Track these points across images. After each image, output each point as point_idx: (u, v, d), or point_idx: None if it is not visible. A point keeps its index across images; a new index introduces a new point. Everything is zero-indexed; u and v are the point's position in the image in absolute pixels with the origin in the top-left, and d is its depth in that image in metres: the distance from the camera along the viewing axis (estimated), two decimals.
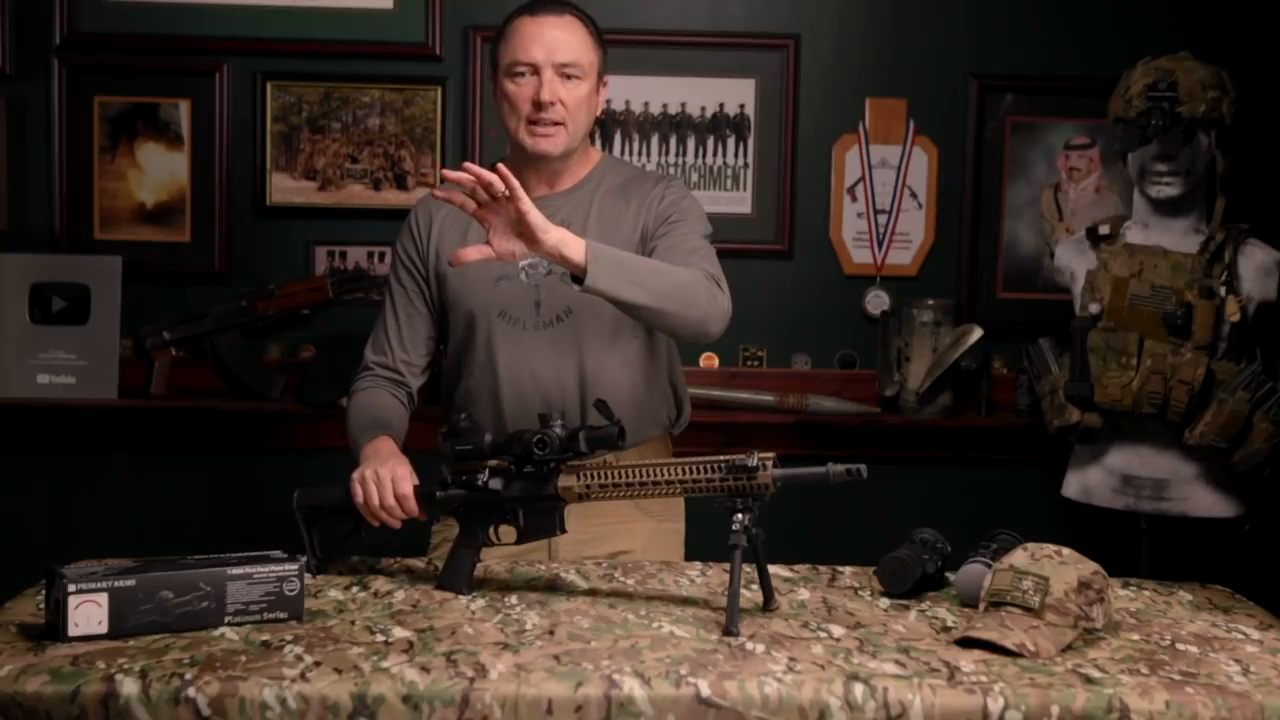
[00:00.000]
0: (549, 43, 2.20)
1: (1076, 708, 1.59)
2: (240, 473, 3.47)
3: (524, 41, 2.21)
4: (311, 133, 3.48)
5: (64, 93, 3.44)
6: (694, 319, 2.10)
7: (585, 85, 2.23)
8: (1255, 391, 2.93)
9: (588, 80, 2.24)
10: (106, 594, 1.74)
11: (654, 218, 2.27)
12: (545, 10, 2.24)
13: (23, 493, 3.46)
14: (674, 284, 2.07)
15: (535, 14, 2.23)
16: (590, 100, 2.25)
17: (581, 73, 2.22)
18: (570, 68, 2.21)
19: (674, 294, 2.06)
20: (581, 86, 2.22)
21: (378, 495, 2.05)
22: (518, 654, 1.70)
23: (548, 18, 2.23)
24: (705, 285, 2.11)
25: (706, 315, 2.10)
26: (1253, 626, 1.94)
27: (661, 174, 2.44)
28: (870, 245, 3.55)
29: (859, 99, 3.53)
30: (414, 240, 2.33)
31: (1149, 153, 3.00)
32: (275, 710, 1.57)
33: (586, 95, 2.24)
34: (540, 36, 2.21)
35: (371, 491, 2.06)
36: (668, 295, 2.05)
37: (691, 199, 2.32)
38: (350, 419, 2.28)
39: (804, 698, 1.60)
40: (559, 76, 2.20)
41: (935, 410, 3.42)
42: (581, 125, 2.25)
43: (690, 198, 2.32)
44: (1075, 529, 3.31)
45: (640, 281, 2.03)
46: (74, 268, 3.40)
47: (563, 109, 2.21)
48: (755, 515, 1.86)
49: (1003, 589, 1.82)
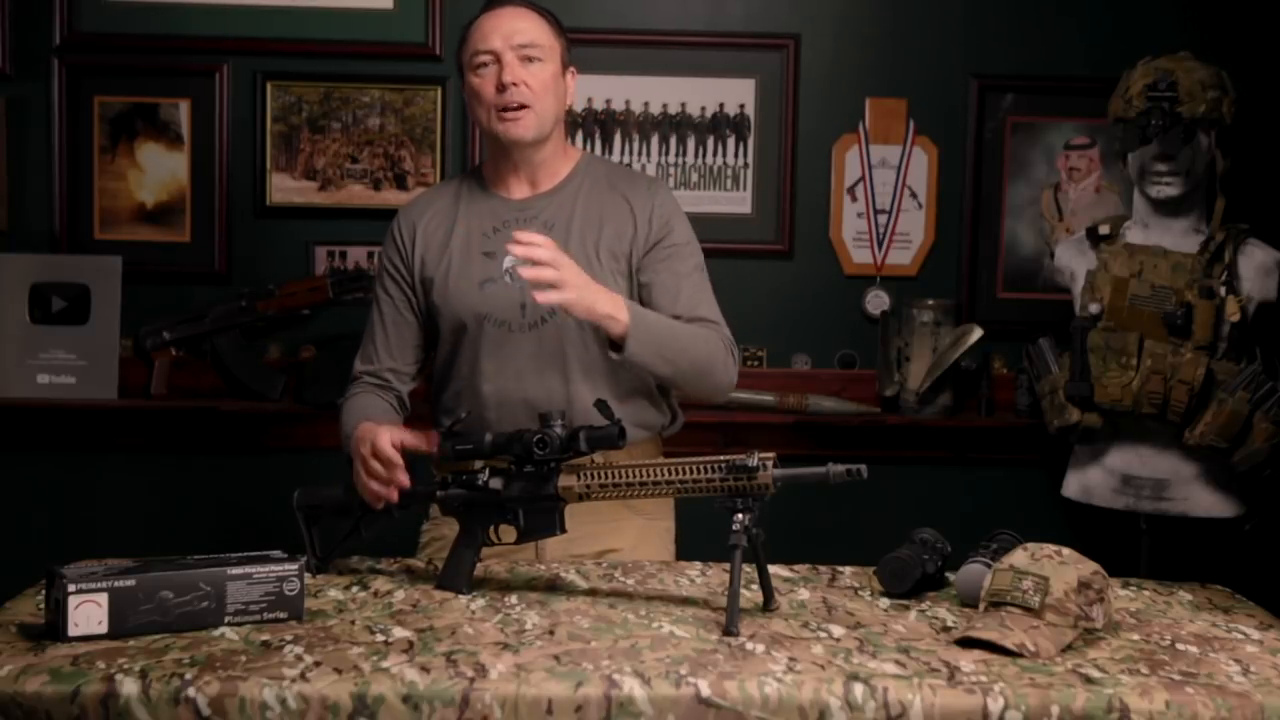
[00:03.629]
0: (505, 29, 2.24)
1: (1076, 708, 1.59)
2: (240, 473, 3.47)
3: (482, 33, 2.25)
4: (311, 133, 3.48)
5: (64, 93, 3.44)
6: (708, 389, 2.25)
7: (549, 67, 2.25)
8: (1255, 391, 2.93)
9: (550, 62, 2.25)
10: (106, 594, 1.74)
11: (647, 235, 2.27)
12: (500, 4, 2.28)
13: (23, 493, 3.46)
14: (699, 358, 2.20)
15: (491, 8, 2.28)
16: (556, 84, 2.26)
17: (543, 54, 2.24)
18: (530, 48, 2.23)
19: (696, 369, 2.20)
20: (545, 69, 2.24)
21: (364, 470, 2.05)
22: (518, 654, 1.70)
23: (503, 10, 2.27)
24: (723, 357, 2.23)
25: (719, 386, 2.25)
26: (1253, 626, 1.94)
27: (646, 175, 2.45)
28: (870, 245, 3.55)
29: (859, 99, 3.53)
30: (398, 249, 2.34)
31: (1149, 153, 3.00)
32: (275, 710, 1.57)
33: (551, 78, 2.25)
34: (498, 26, 2.24)
35: (359, 471, 2.06)
36: (690, 371, 2.19)
37: (679, 210, 2.34)
38: (341, 428, 2.28)
39: (804, 698, 1.60)
40: (520, 60, 2.22)
41: (935, 410, 3.42)
42: (550, 108, 2.26)
43: (678, 209, 2.34)
44: (1075, 529, 3.31)
45: (671, 359, 2.15)
46: (74, 268, 3.41)
47: (527, 90, 2.22)
48: (755, 515, 1.86)
49: (1003, 589, 1.82)
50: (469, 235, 2.29)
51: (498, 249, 2.25)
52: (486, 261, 2.26)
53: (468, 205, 2.32)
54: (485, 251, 2.27)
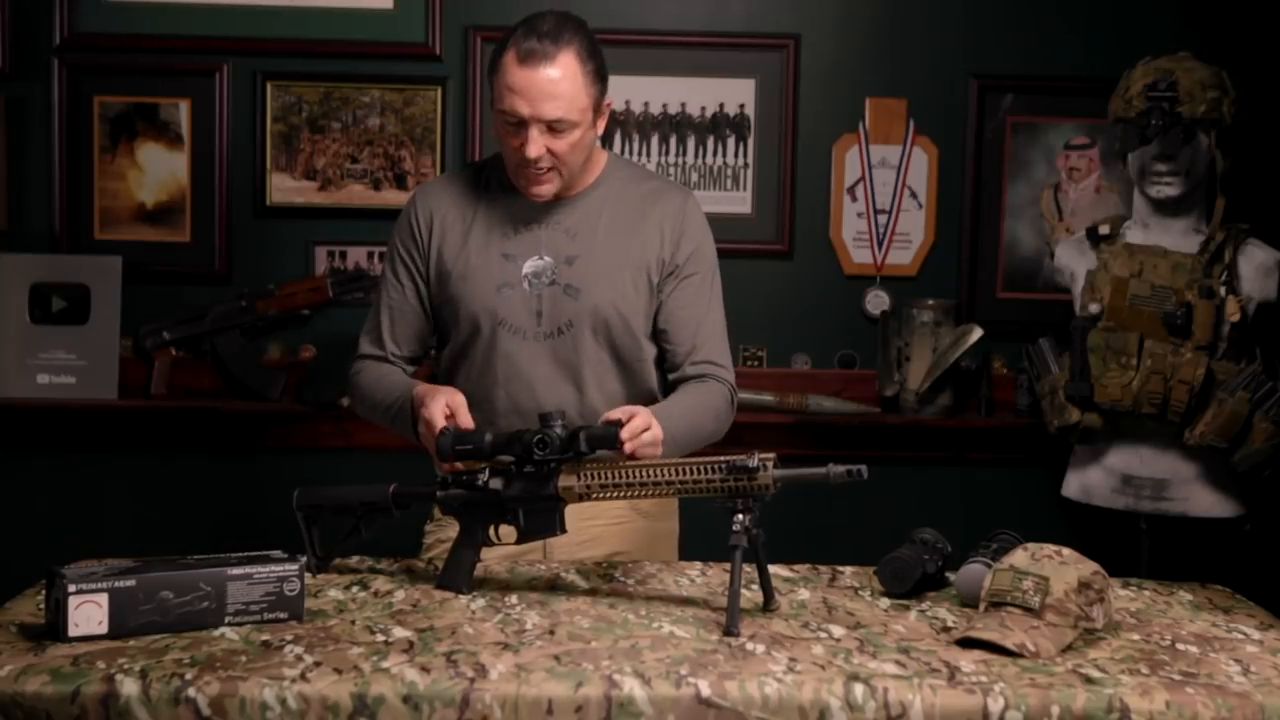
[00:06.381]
0: (535, 97, 2.08)
1: (1076, 708, 1.59)
2: (240, 473, 3.47)
3: (509, 93, 2.10)
4: (311, 133, 3.48)
5: (64, 93, 3.44)
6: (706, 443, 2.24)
7: (577, 132, 2.14)
8: (1255, 391, 2.93)
9: (581, 125, 2.14)
10: (106, 594, 1.74)
11: (674, 254, 2.25)
12: (534, 59, 2.08)
13: (23, 493, 3.46)
14: (706, 436, 2.23)
15: (524, 62, 2.09)
16: (585, 138, 2.16)
17: (575, 120, 2.11)
18: (559, 123, 2.11)
19: (702, 441, 2.21)
20: (573, 134, 2.13)
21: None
22: (518, 654, 1.70)
23: (537, 68, 2.08)
24: (725, 414, 2.27)
25: (714, 437, 2.26)
26: (1253, 626, 1.94)
27: (676, 185, 2.40)
28: (870, 245, 3.55)
29: (859, 99, 3.53)
30: (414, 236, 2.28)
31: (1149, 153, 3.00)
32: (275, 710, 1.57)
33: (580, 138, 2.15)
34: (528, 89, 2.09)
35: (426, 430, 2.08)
36: (697, 443, 2.19)
37: (707, 229, 2.31)
38: (363, 397, 2.27)
39: (804, 698, 1.60)
40: (547, 131, 2.12)
41: (935, 410, 3.42)
42: (577, 163, 2.18)
43: (706, 226, 2.31)
44: (1075, 529, 3.31)
45: (686, 447, 2.15)
46: (74, 268, 3.41)
47: (552, 157, 2.14)
48: (755, 515, 1.86)
49: (1003, 589, 1.82)
50: (489, 234, 2.24)
51: (518, 252, 2.22)
52: (505, 264, 2.22)
53: (489, 200, 2.26)
54: (505, 253, 2.22)
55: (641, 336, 2.25)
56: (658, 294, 2.25)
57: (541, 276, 2.21)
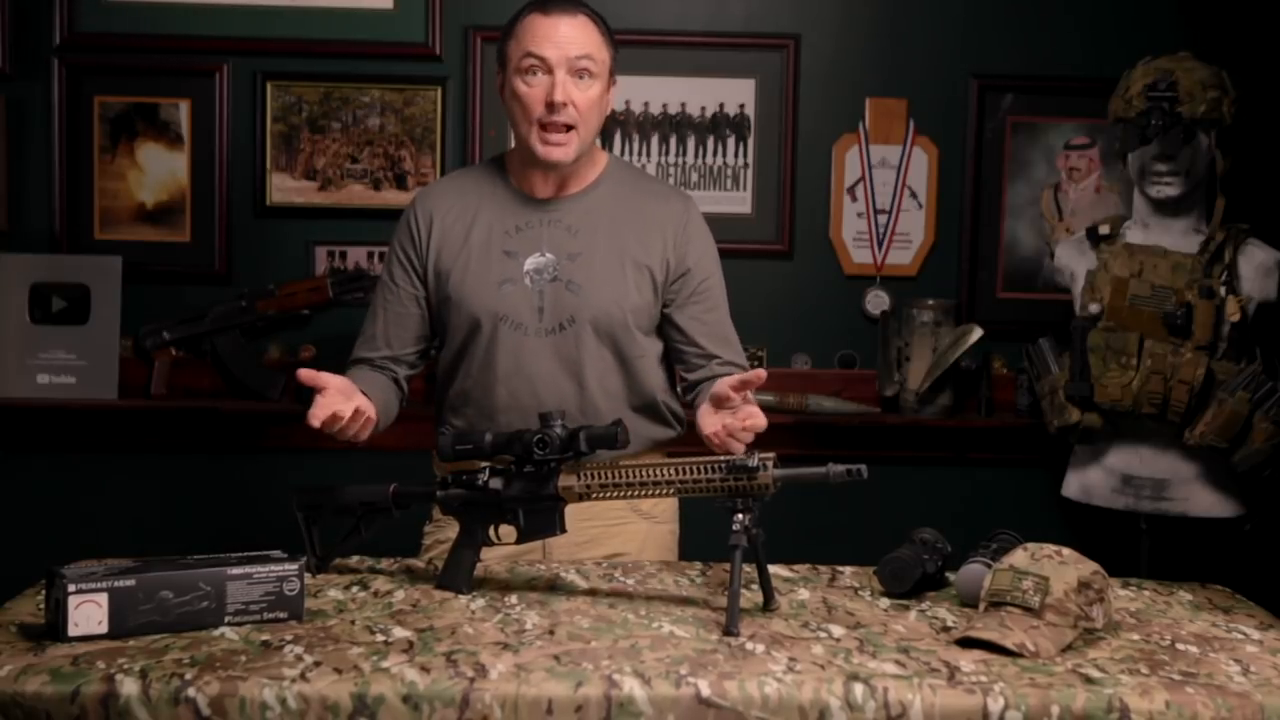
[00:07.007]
0: (562, 39, 2.18)
1: (1076, 708, 1.59)
2: (240, 473, 3.47)
3: (536, 38, 2.18)
4: (311, 133, 3.48)
5: (64, 93, 3.44)
6: None
7: (598, 85, 2.21)
8: (1255, 391, 2.93)
9: (600, 80, 2.21)
10: (106, 594, 1.74)
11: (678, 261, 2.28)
12: (557, 8, 2.20)
13: (23, 493, 3.46)
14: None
15: (548, 11, 2.19)
16: (601, 101, 2.23)
17: (595, 70, 2.20)
18: (584, 60, 2.18)
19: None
20: (595, 86, 2.20)
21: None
22: (518, 654, 1.70)
23: (560, 16, 2.19)
24: None
25: None
26: (1253, 626, 1.94)
27: (677, 190, 2.43)
28: (870, 245, 3.55)
29: (859, 99, 3.53)
30: (413, 239, 2.30)
31: (1149, 153, 3.00)
32: (275, 710, 1.57)
33: (599, 96, 2.22)
34: (554, 34, 2.18)
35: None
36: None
37: (708, 234, 2.35)
38: None
39: (804, 698, 1.60)
40: (572, 75, 2.18)
41: (935, 410, 3.42)
42: (593, 128, 2.23)
43: (707, 232, 2.34)
44: (1075, 529, 3.30)
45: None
46: (74, 268, 3.40)
47: (575, 111, 2.18)
48: (755, 515, 1.86)
49: (1003, 589, 1.82)
50: (490, 232, 2.25)
51: (519, 249, 2.23)
52: (506, 261, 2.23)
53: (490, 199, 2.28)
54: (506, 250, 2.24)
55: (641, 333, 2.26)
56: (663, 297, 2.27)
57: (543, 273, 2.22)
